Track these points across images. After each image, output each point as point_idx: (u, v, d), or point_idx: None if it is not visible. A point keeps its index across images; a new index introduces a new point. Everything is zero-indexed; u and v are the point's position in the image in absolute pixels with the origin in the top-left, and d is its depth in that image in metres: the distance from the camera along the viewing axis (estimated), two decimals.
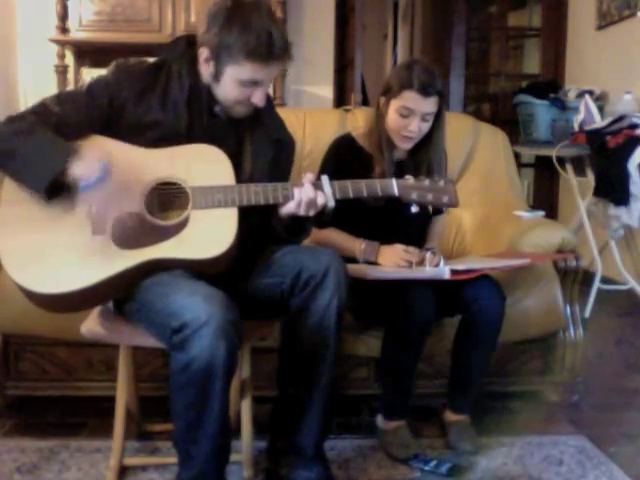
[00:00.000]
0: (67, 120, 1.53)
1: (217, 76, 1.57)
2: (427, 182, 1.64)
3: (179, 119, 1.58)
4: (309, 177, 1.57)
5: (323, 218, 1.62)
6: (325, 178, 1.58)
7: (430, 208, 1.66)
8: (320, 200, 1.55)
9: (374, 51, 7.42)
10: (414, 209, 1.63)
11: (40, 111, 1.53)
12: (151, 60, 1.65)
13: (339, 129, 2.42)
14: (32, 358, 2.10)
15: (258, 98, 1.59)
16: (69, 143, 1.47)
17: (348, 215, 1.95)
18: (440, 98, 1.93)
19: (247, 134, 1.67)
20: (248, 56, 1.51)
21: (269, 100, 1.74)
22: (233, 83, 1.56)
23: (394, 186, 1.62)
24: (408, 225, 2.04)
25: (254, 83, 1.56)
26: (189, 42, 1.63)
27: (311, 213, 1.56)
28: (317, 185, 1.56)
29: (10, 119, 1.51)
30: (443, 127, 2.00)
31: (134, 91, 1.58)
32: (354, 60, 4.34)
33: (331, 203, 1.57)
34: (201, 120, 1.61)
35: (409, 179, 1.64)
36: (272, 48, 1.51)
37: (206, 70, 1.59)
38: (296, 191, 1.55)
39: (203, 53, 1.57)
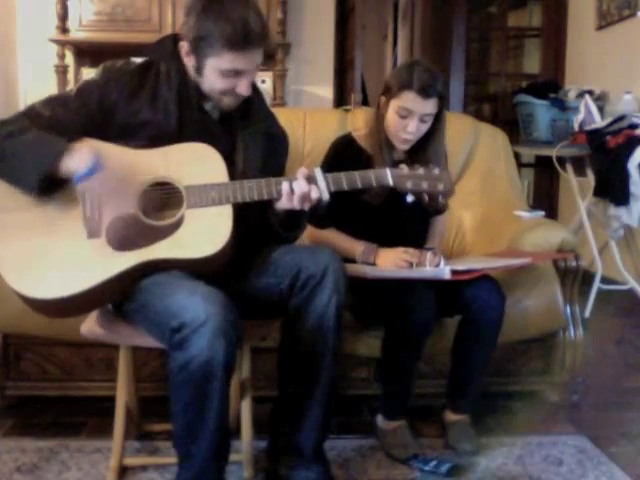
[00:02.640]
0: (58, 123, 1.52)
1: (199, 69, 1.56)
2: (421, 170, 1.62)
3: (169, 118, 1.58)
4: (302, 171, 1.56)
5: (318, 212, 1.61)
6: (318, 171, 1.57)
7: (426, 197, 1.63)
8: (314, 193, 1.54)
9: (374, 51, 7.40)
10: (410, 199, 1.61)
11: (31, 114, 1.53)
12: (138, 60, 1.64)
13: (339, 129, 2.42)
14: (32, 358, 2.10)
15: (243, 88, 1.57)
16: (59, 138, 1.47)
17: (348, 215, 1.95)
18: (440, 100, 1.92)
19: (238, 130, 1.66)
20: (225, 46, 1.50)
21: (259, 94, 1.73)
22: (215, 74, 1.55)
23: (388, 176, 1.60)
24: (408, 225, 2.04)
25: (237, 73, 1.54)
26: (175, 40, 1.62)
27: (306, 207, 1.55)
28: (311, 178, 1.55)
29: (0, 123, 1.51)
30: (443, 128, 2.00)
31: (124, 92, 1.57)
32: (354, 60, 4.34)
33: (325, 196, 1.56)
34: (192, 118, 1.61)
35: (403, 168, 1.62)
36: (248, 35, 1.50)
37: (189, 64, 1.58)
38: (288, 185, 1.54)
39: (184, 47, 1.56)
